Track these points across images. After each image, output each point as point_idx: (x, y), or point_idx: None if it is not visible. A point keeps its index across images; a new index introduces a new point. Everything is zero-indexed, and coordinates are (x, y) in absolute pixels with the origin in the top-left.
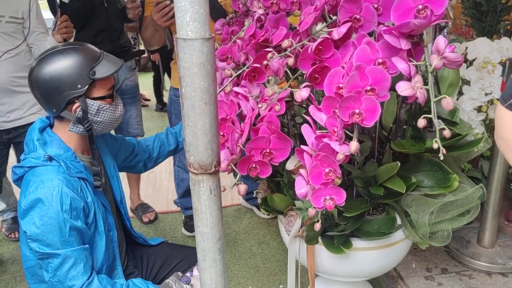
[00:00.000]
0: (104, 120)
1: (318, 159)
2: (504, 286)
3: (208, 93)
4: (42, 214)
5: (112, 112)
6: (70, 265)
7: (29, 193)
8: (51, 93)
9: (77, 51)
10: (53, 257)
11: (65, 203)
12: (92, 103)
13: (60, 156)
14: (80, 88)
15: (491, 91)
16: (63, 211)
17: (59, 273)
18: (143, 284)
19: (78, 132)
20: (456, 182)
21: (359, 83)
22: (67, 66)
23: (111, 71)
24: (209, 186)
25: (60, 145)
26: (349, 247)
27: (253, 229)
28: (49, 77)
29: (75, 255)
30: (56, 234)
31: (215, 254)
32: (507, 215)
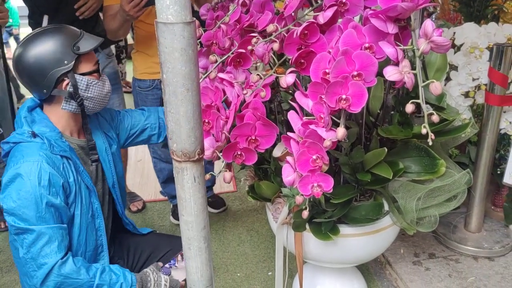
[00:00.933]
0: (94, 96)
1: (305, 146)
2: (490, 270)
3: (190, 79)
4: (19, 188)
5: (101, 87)
6: (44, 242)
7: (10, 168)
8: (39, 74)
9: (57, 30)
10: (27, 232)
11: (43, 179)
12: (81, 78)
13: (44, 134)
14: (67, 64)
15: (478, 76)
16: (41, 186)
17: (33, 250)
18: (119, 270)
19: (71, 110)
20: (443, 167)
21: (345, 68)
22: (51, 45)
23: (94, 45)
24: (193, 174)
25: (47, 124)
26: (336, 234)
27: (241, 216)
28: (34, 59)
29: (50, 233)
30: (32, 209)
31: (200, 242)
32: (494, 200)
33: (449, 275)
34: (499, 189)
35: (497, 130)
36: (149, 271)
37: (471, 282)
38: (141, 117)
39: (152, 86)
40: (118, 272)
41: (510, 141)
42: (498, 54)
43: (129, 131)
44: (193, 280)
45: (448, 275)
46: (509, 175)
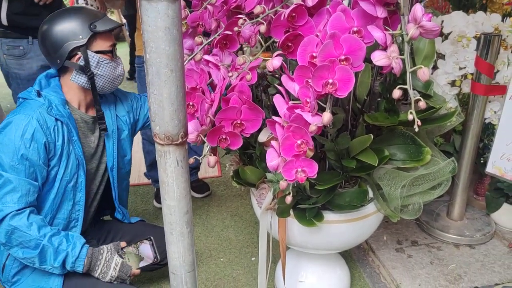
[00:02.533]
0: (104, 74)
1: (290, 131)
2: (471, 258)
3: (174, 59)
4: (4, 134)
5: (112, 68)
6: (8, 190)
7: (7, 117)
8: (55, 44)
9: (80, 9)
10: None
11: (28, 132)
12: (93, 55)
13: (49, 96)
14: (81, 38)
15: (465, 65)
16: (23, 138)
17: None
18: (72, 239)
19: (79, 83)
20: (429, 155)
21: (333, 52)
22: (71, 20)
23: (111, 26)
24: (176, 158)
25: (57, 90)
26: (320, 220)
27: (226, 201)
28: (54, 29)
29: (16, 183)
30: (8, 156)
31: (183, 227)
32: (476, 188)
33: (431, 262)
34: (482, 178)
35: (482, 119)
36: (104, 249)
37: (452, 269)
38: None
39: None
40: (70, 240)
41: (494, 130)
42: (485, 44)
43: (147, 117)
44: (174, 265)
45: (430, 262)
46: (492, 164)
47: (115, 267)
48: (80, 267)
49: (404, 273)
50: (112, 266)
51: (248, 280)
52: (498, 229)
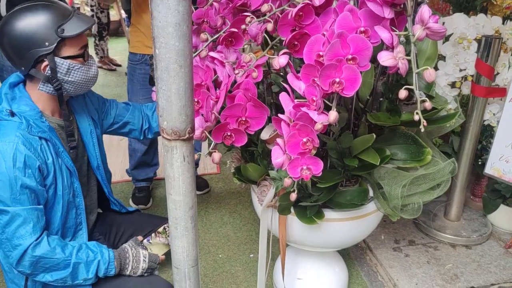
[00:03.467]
0: (76, 80)
1: (295, 128)
2: (467, 258)
3: (183, 55)
4: None
5: (84, 72)
6: (19, 224)
7: None
8: (19, 50)
9: (46, 7)
10: (2, 213)
11: (18, 160)
12: (61, 62)
13: (24, 113)
14: (48, 46)
15: (465, 67)
16: (16, 168)
17: (8, 230)
18: (96, 247)
19: (47, 92)
20: (429, 155)
21: (340, 51)
22: (35, 22)
23: (81, 29)
24: (183, 153)
25: (28, 102)
26: (321, 218)
27: (224, 198)
28: (16, 33)
29: (25, 214)
30: (6, 190)
31: (187, 222)
32: (473, 189)
33: (428, 261)
34: (479, 180)
35: (481, 121)
36: (127, 247)
37: (449, 269)
38: (125, 111)
39: (140, 61)
40: (95, 249)
41: (492, 132)
42: (486, 46)
43: (112, 120)
44: (178, 259)
45: (426, 261)
46: (491, 165)
47: (144, 259)
48: (113, 270)
49: (401, 272)
50: (141, 259)
51: (247, 277)
52: (495, 230)
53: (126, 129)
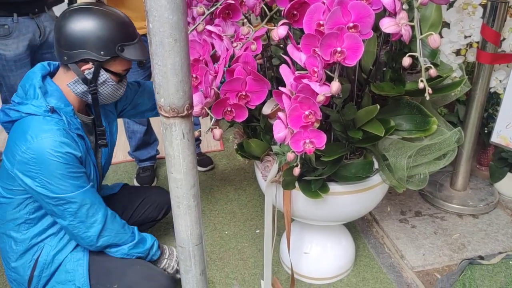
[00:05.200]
0: (104, 93)
1: (297, 101)
2: (474, 227)
3: (178, 29)
4: (47, 164)
5: (115, 90)
6: (88, 207)
7: (29, 142)
8: (73, 43)
9: (120, 22)
10: (69, 203)
11: (66, 154)
12: (103, 73)
13: (61, 110)
14: (102, 55)
15: (470, 33)
16: (65, 162)
17: (80, 214)
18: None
19: (74, 91)
20: (435, 125)
21: (341, 19)
22: (103, 28)
23: (138, 58)
24: (182, 130)
25: (61, 98)
26: (326, 192)
27: (229, 175)
28: (80, 28)
29: (89, 195)
30: (65, 181)
31: (190, 200)
32: (479, 158)
33: (435, 232)
34: (485, 148)
35: (487, 88)
36: (165, 246)
37: (456, 239)
38: (134, 92)
39: None
40: (148, 239)
41: (498, 100)
42: (492, 11)
43: (123, 104)
44: (182, 238)
45: (433, 232)
46: (497, 134)
47: (176, 259)
48: (157, 255)
49: (408, 243)
50: (174, 259)
51: (253, 252)
52: (502, 199)
53: (137, 110)
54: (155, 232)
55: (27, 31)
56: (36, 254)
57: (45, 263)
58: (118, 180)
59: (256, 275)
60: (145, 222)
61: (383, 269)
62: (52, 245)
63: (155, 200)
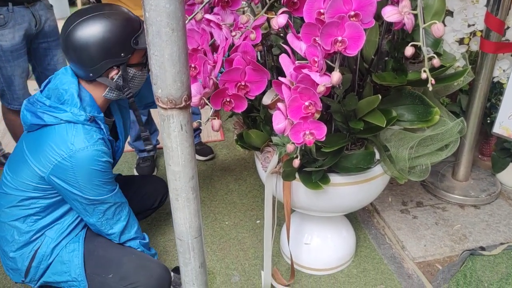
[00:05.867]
0: (135, 86)
1: (297, 92)
2: (476, 218)
3: (175, 18)
4: (87, 172)
5: (141, 78)
6: (116, 207)
7: (71, 151)
8: (91, 59)
9: (122, 17)
10: (102, 204)
11: (104, 163)
12: (129, 70)
13: (97, 118)
14: (123, 56)
15: (474, 22)
16: (101, 170)
17: (108, 213)
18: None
19: (112, 98)
20: (437, 116)
21: (342, 7)
22: (114, 33)
23: None
24: (180, 122)
25: (94, 105)
26: (326, 183)
27: (229, 165)
28: (95, 41)
29: (119, 198)
30: (101, 187)
31: (188, 193)
32: (481, 148)
33: (436, 223)
34: (487, 138)
35: (490, 78)
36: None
37: (457, 230)
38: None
39: None
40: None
41: (502, 89)
42: None
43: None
44: (181, 231)
45: (435, 223)
46: (499, 124)
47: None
48: None
49: (409, 234)
50: None
51: (253, 243)
52: (504, 189)
53: (142, 103)
54: (155, 222)
55: (23, 21)
56: (36, 245)
57: (44, 255)
58: (118, 170)
59: (257, 265)
60: (141, 211)
61: (384, 260)
62: (53, 237)
63: (150, 188)
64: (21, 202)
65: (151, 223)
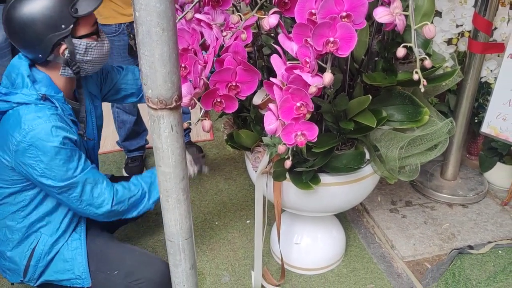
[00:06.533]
0: (93, 59)
1: (289, 93)
2: (464, 217)
3: (165, 17)
4: (45, 151)
5: (100, 48)
6: (92, 186)
7: (24, 131)
8: (34, 38)
9: None
10: (71, 188)
11: (64, 137)
12: (79, 42)
13: (52, 97)
14: (65, 28)
15: (462, 22)
16: (63, 148)
17: (85, 198)
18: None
19: (69, 75)
20: (427, 116)
21: (334, 8)
22: (47, 6)
23: (94, 6)
24: (170, 123)
25: (51, 85)
26: (317, 183)
27: (219, 165)
28: (29, 21)
29: (91, 175)
30: (64, 165)
31: (179, 194)
32: (469, 148)
33: (425, 222)
34: (475, 138)
35: (478, 78)
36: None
37: (446, 229)
38: (118, 75)
39: (118, 31)
40: (148, 175)
41: (489, 89)
42: (484, 0)
43: (108, 87)
44: (171, 232)
45: (423, 222)
46: (487, 124)
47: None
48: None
49: (399, 233)
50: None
51: (244, 243)
52: (491, 188)
53: (120, 95)
54: (144, 222)
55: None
56: (33, 243)
57: (41, 253)
58: (107, 170)
59: (247, 265)
60: None
61: (374, 259)
62: (48, 234)
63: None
64: (4, 199)
65: (140, 223)
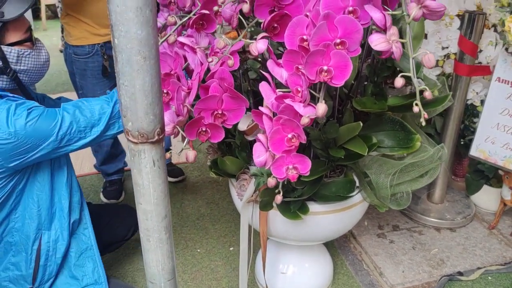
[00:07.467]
0: (29, 68)
1: (279, 123)
2: (452, 241)
3: (147, 45)
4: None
5: (35, 57)
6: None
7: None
8: None
9: None
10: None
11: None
12: (9, 50)
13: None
14: None
15: (448, 44)
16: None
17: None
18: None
19: (5, 86)
20: (419, 142)
21: (327, 35)
22: None
23: (22, 10)
24: (152, 157)
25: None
26: (306, 213)
27: (200, 188)
28: None
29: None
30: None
31: (161, 233)
32: (455, 170)
33: (413, 247)
34: (461, 160)
35: (464, 100)
36: None
37: (435, 254)
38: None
39: (92, 52)
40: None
41: (475, 111)
42: (470, 22)
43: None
44: (152, 273)
45: (412, 247)
46: (476, 147)
47: None
48: None
49: (387, 260)
50: None
51: (227, 272)
52: (478, 211)
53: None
54: (123, 250)
55: None
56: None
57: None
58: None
59: None
60: (113, 242)
61: (362, 287)
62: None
63: (122, 220)
64: None
65: (119, 251)
